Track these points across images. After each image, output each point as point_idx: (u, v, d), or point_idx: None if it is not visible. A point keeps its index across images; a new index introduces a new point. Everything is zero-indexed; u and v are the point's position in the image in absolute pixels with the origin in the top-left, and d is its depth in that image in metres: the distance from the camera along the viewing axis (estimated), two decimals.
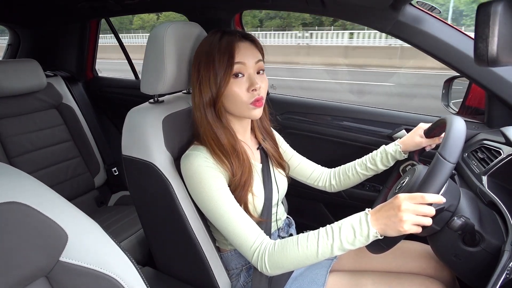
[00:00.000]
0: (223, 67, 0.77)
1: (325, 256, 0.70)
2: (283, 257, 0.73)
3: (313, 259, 0.71)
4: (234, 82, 0.79)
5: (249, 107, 0.80)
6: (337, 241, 0.68)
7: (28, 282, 0.43)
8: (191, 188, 0.82)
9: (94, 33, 2.03)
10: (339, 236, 0.68)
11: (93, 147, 1.78)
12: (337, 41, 12.43)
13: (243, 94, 0.79)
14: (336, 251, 0.69)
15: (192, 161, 0.79)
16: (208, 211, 0.80)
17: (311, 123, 1.41)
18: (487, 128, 1.08)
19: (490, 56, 0.49)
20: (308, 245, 0.71)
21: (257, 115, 0.83)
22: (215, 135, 0.81)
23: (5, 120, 1.48)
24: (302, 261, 0.72)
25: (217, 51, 0.77)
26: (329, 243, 0.69)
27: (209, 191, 0.78)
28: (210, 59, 0.78)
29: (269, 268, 0.74)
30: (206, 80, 0.79)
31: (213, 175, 0.78)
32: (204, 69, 0.79)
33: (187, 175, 0.81)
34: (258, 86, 0.79)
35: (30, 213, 0.43)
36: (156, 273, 1.00)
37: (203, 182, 0.78)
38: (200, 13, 1.49)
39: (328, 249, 0.69)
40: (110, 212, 1.62)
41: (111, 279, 0.49)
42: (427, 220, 0.63)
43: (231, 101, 0.80)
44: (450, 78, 1.25)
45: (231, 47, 0.77)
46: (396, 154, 0.97)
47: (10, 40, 2.10)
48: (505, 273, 0.61)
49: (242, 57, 0.78)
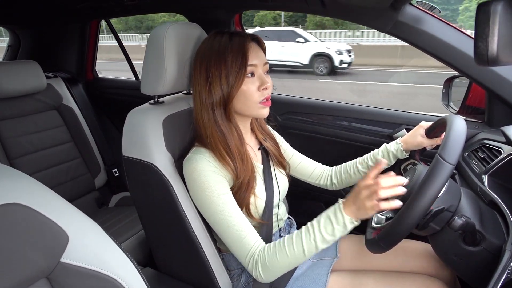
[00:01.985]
0: (237, 67, 0.77)
1: (312, 253, 0.72)
2: (275, 264, 0.74)
3: (302, 258, 0.73)
4: (247, 82, 0.80)
5: (258, 106, 0.82)
6: (318, 235, 0.71)
7: (29, 284, 0.43)
8: (193, 192, 0.82)
9: (94, 34, 2.03)
10: (319, 229, 0.71)
11: (94, 148, 1.78)
12: (384, 40, 11.27)
13: (254, 93, 0.81)
14: (320, 245, 0.71)
15: (195, 165, 0.79)
16: (208, 216, 0.81)
17: (311, 123, 1.41)
18: (487, 127, 1.08)
19: (490, 55, 0.49)
20: (294, 246, 0.72)
21: (266, 114, 0.84)
22: (223, 137, 0.81)
23: (6, 121, 1.48)
24: (292, 263, 0.74)
25: (230, 51, 0.77)
26: (312, 239, 0.71)
27: (210, 197, 0.78)
28: (221, 58, 0.78)
29: (264, 276, 0.76)
30: (217, 80, 0.79)
31: (215, 181, 0.78)
32: (214, 69, 0.78)
33: (190, 179, 0.81)
34: (269, 85, 0.81)
35: (30, 214, 0.43)
36: (157, 273, 1.00)
37: (205, 187, 0.78)
38: (200, 14, 1.49)
39: (312, 245, 0.71)
40: (110, 213, 1.63)
41: (112, 280, 0.49)
42: (385, 192, 0.65)
43: (242, 100, 0.81)
44: (450, 78, 1.25)
45: (243, 47, 0.78)
46: (397, 152, 0.97)
47: (10, 41, 2.11)
48: (506, 273, 0.61)
49: (254, 58, 0.80)
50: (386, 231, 0.72)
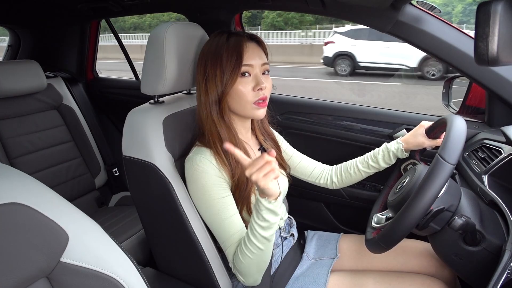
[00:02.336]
0: (231, 66, 0.78)
1: (265, 244, 0.74)
2: (247, 269, 0.77)
3: (263, 252, 0.75)
4: (240, 81, 0.80)
5: (253, 106, 0.82)
6: (256, 226, 0.72)
7: (29, 283, 0.43)
8: (193, 193, 0.82)
9: (94, 33, 2.03)
10: (255, 221, 0.72)
11: (94, 147, 1.78)
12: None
13: (248, 93, 0.80)
14: (264, 233, 0.72)
15: (197, 166, 0.79)
16: (205, 217, 0.82)
17: (311, 123, 1.41)
18: (487, 127, 1.08)
19: (491, 55, 0.49)
20: (249, 246, 0.74)
21: (261, 115, 0.84)
22: (217, 134, 0.82)
23: (6, 121, 1.48)
24: (260, 260, 0.76)
25: (225, 50, 0.78)
26: (255, 232, 0.73)
27: (209, 200, 0.79)
28: (217, 58, 0.79)
29: (247, 281, 0.79)
30: (213, 79, 0.80)
31: (215, 183, 0.79)
32: (210, 68, 0.80)
33: (190, 179, 0.81)
34: (264, 86, 0.81)
35: (31, 214, 0.43)
36: (157, 273, 1.00)
37: (205, 190, 0.79)
38: (201, 14, 1.49)
39: (258, 236, 0.73)
40: (110, 213, 1.63)
41: (112, 280, 0.49)
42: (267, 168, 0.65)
43: (236, 100, 0.81)
44: (451, 78, 1.25)
45: (239, 46, 0.78)
46: (398, 152, 0.97)
47: (10, 41, 2.10)
48: (506, 273, 0.61)
49: (250, 58, 0.80)
50: (386, 231, 0.72)
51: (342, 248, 1.02)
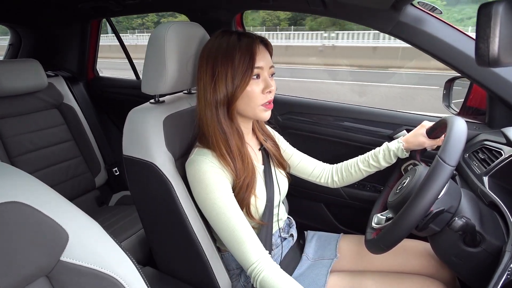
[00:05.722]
0: (243, 68, 0.77)
1: None
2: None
3: None
4: (252, 83, 0.80)
5: (261, 108, 0.82)
6: None
7: (29, 282, 0.43)
8: (196, 193, 0.82)
9: (95, 33, 2.04)
10: None
11: (94, 147, 1.78)
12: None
13: (258, 95, 0.81)
14: None
15: (199, 167, 0.79)
16: (210, 217, 0.80)
17: (311, 123, 1.41)
18: (488, 128, 1.08)
19: (491, 56, 0.49)
20: None
21: (267, 117, 0.84)
22: (224, 136, 0.81)
23: (6, 120, 1.48)
24: None
25: (238, 51, 0.77)
26: None
27: (213, 199, 0.78)
28: (228, 58, 0.77)
29: None
30: (223, 78, 0.78)
31: (219, 182, 0.78)
32: (221, 67, 0.78)
33: (193, 180, 0.81)
34: (273, 89, 0.82)
35: (31, 212, 0.43)
36: (157, 273, 1.00)
37: (209, 190, 0.78)
38: (201, 13, 1.49)
39: None
40: (111, 212, 1.63)
41: (112, 279, 0.49)
42: None
43: (246, 101, 0.81)
44: (451, 79, 1.25)
45: (252, 48, 0.78)
46: (398, 151, 0.97)
47: (11, 40, 2.11)
48: (506, 274, 0.61)
49: (261, 60, 0.80)
50: (386, 231, 0.72)
51: (342, 248, 1.02)
